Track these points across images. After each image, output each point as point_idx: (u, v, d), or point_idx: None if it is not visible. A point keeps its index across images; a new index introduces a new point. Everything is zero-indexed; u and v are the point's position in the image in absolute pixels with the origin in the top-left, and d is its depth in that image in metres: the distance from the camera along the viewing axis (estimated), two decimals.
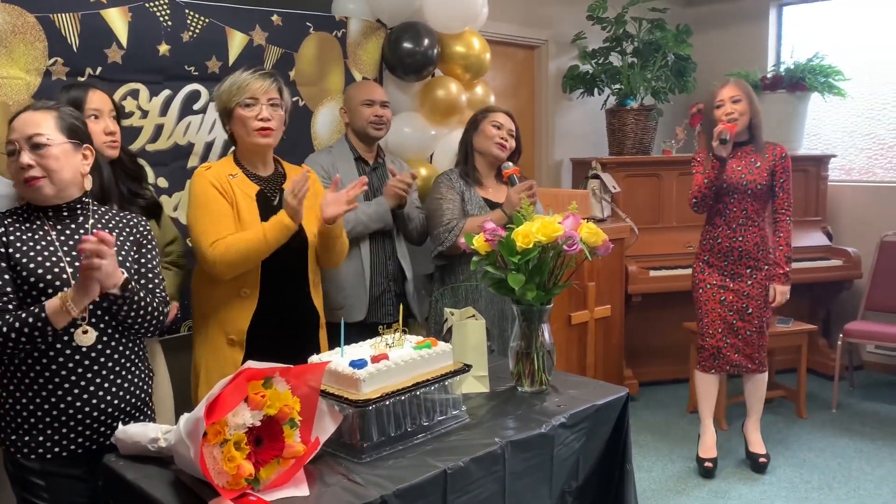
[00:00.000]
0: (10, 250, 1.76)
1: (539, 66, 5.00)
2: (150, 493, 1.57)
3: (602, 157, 4.72)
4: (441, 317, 2.98)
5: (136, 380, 1.91)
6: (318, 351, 2.48)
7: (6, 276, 1.75)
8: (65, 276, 1.78)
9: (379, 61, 3.37)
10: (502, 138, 2.97)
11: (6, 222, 1.80)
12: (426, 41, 3.27)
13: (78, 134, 1.84)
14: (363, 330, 2.43)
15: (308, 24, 3.11)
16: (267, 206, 2.34)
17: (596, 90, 4.97)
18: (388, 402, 1.72)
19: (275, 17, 3.00)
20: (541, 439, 1.86)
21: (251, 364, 1.56)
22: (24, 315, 1.70)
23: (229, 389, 1.49)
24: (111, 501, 1.72)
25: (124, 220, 1.96)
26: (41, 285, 1.76)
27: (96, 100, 2.17)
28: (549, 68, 4.98)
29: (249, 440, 1.51)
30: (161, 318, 1.92)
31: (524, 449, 1.81)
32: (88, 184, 1.87)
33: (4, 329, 1.69)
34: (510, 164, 2.94)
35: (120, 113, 2.30)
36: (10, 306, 1.74)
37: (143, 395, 1.94)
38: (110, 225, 1.92)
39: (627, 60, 4.87)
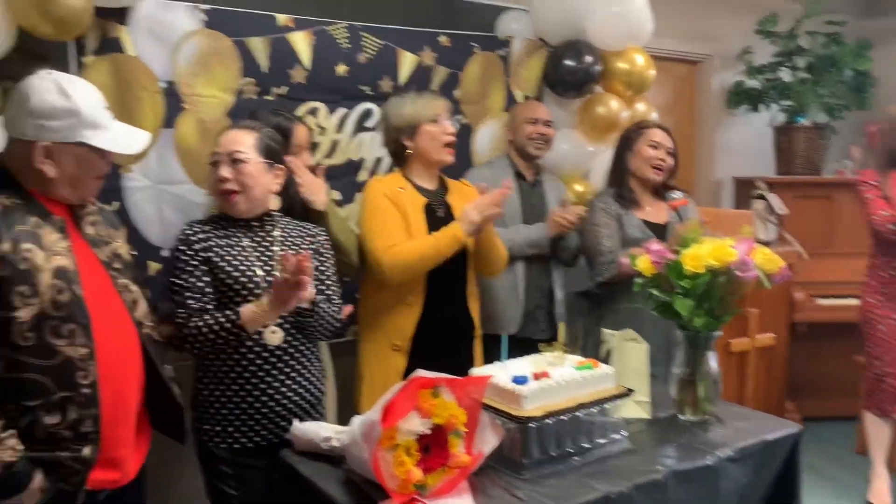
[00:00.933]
0: (210, 255, 1.94)
1: (701, 81, 4.84)
2: (324, 489, 1.67)
3: (768, 177, 4.50)
4: (597, 338, 2.95)
5: (313, 378, 2.06)
6: (472, 361, 2.55)
7: (206, 279, 1.93)
8: (256, 279, 1.95)
9: (540, 79, 3.39)
10: (660, 159, 2.86)
11: (206, 229, 1.98)
12: (588, 58, 3.26)
13: (273, 155, 2.01)
14: (514, 344, 2.45)
15: (473, 44, 3.19)
16: (433, 217, 2.45)
17: (762, 106, 4.74)
18: (549, 421, 1.74)
19: (443, 38, 3.10)
20: (706, 471, 1.81)
21: (421, 372, 1.63)
22: (221, 319, 1.87)
23: (402, 396, 1.57)
24: (285, 494, 1.85)
25: (305, 230, 2.11)
26: (236, 287, 1.93)
27: (301, 136, 2.36)
28: (711, 83, 4.81)
29: (418, 447, 1.57)
30: (337, 323, 2.06)
31: (688, 480, 1.77)
32: (275, 203, 2.03)
33: (205, 329, 1.87)
34: (679, 194, 2.80)
35: (315, 144, 2.54)
36: (210, 306, 1.92)
37: (317, 393, 2.08)
38: (293, 234, 2.08)
39: (799, 76, 4.61)
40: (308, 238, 2.10)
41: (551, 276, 2.99)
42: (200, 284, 1.93)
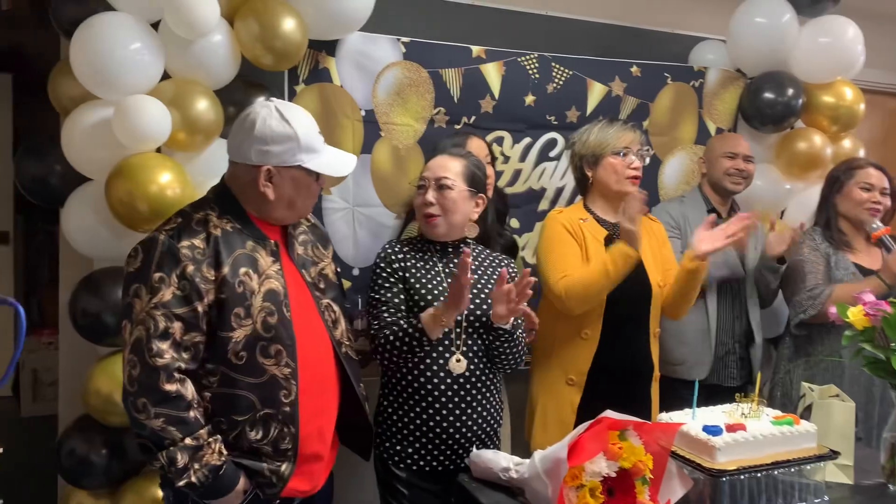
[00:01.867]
0: (406, 275, 2.01)
1: None
2: None
3: None
4: (788, 388, 2.75)
5: (492, 409, 2.06)
6: (649, 403, 2.44)
7: (402, 296, 2.01)
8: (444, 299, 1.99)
9: (735, 111, 3.24)
10: (875, 202, 2.64)
11: (404, 250, 2.06)
12: (790, 91, 3.07)
13: (476, 183, 2.06)
14: (701, 390, 2.33)
15: (666, 74, 3.12)
16: None
17: None
18: (743, 477, 1.62)
19: (634, 69, 3.05)
20: None
21: (609, 413, 1.58)
22: (405, 325, 1.93)
23: (590, 435, 1.53)
24: None
25: (494, 258, 2.14)
26: (424, 306, 1.98)
27: (474, 146, 2.38)
28: None
29: (603, 490, 1.53)
30: (524, 353, 2.08)
31: None
32: (473, 231, 2.07)
33: (391, 337, 1.94)
34: (879, 224, 2.58)
35: (494, 158, 2.52)
36: (402, 322, 1.98)
37: (495, 424, 2.08)
38: (485, 264, 2.11)
39: None
40: (496, 265, 2.14)
41: (747, 316, 2.80)
42: (396, 301, 2.00)
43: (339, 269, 2.02)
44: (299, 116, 1.72)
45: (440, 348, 1.97)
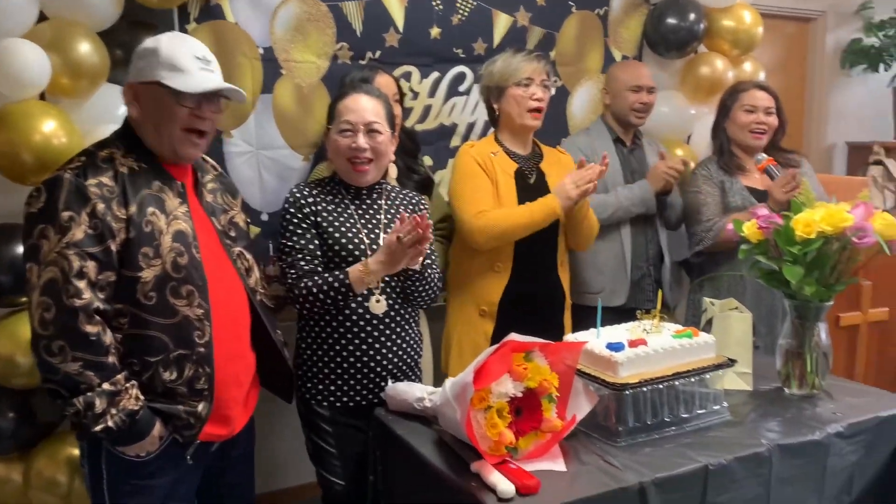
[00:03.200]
0: (318, 219, 1.98)
1: (814, 39, 4.55)
2: (417, 449, 1.68)
3: (886, 142, 4.20)
4: (698, 307, 2.85)
5: (412, 342, 2.09)
6: (562, 330, 2.51)
7: (316, 241, 1.97)
8: (363, 246, 1.99)
9: (640, 38, 3.26)
10: (759, 123, 2.73)
11: (314, 193, 2.01)
12: (692, 16, 3.11)
13: (392, 123, 2.03)
14: (621, 315, 2.40)
15: (571, 3, 3.10)
16: (523, 184, 2.41)
17: (882, 66, 4.41)
18: (645, 389, 1.69)
19: None
20: (813, 447, 1.72)
21: (514, 336, 1.61)
22: (330, 279, 1.91)
23: (495, 358, 1.55)
24: (379, 452, 1.88)
25: (408, 198, 2.14)
26: (343, 254, 1.97)
27: (383, 83, 2.32)
28: (825, 42, 4.50)
29: (510, 410, 1.56)
30: (438, 290, 2.09)
31: (794, 455, 1.68)
32: (394, 171, 2.04)
33: (315, 289, 1.91)
34: (763, 155, 2.67)
35: (402, 94, 2.47)
36: (320, 269, 1.96)
37: (416, 357, 2.12)
38: (397, 202, 2.10)
39: None
40: (410, 206, 2.12)
41: (658, 242, 2.88)
42: (311, 247, 1.97)
43: (248, 220, 1.97)
44: (176, 38, 1.66)
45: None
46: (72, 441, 2.27)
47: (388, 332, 2.02)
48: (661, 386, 1.71)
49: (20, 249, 2.02)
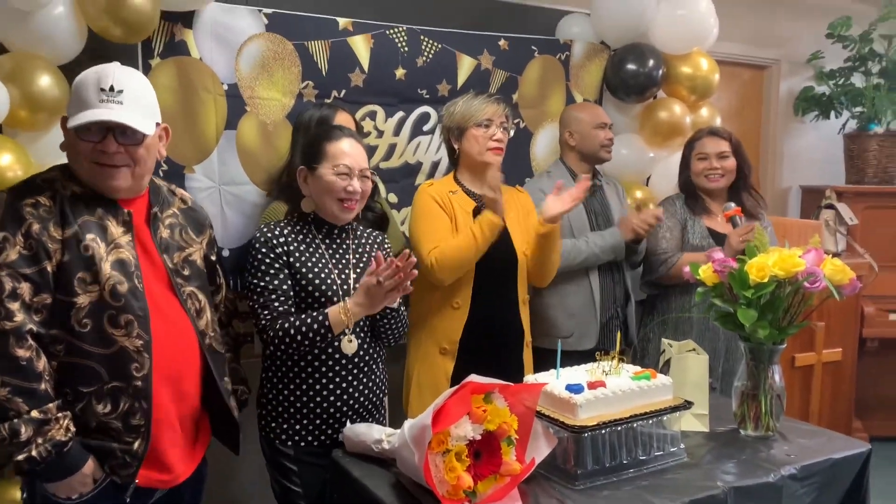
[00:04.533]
0: (291, 259, 1.97)
1: (768, 86, 4.69)
2: (374, 492, 1.66)
3: (838, 186, 4.33)
4: (650, 346, 2.89)
5: (379, 382, 2.11)
6: (521, 369, 2.51)
7: (289, 282, 1.96)
8: (335, 287, 1.99)
9: (600, 83, 3.34)
10: (711, 168, 2.84)
11: (285, 232, 2.01)
12: (651, 62, 3.20)
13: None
14: (591, 357, 2.42)
15: (533, 47, 3.16)
16: None
17: (833, 113, 4.57)
18: (604, 431, 1.70)
19: (502, 42, 3.08)
20: (767, 489, 1.73)
21: (474, 377, 1.61)
22: (308, 321, 1.90)
23: (454, 400, 1.55)
24: (336, 494, 1.85)
25: (373, 237, 2.18)
26: (316, 294, 1.97)
27: (343, 121, 2.36)
28: (779, 89, 4.66)
29: (469, 453, 1.55)
30: (406, 328, 2.14)
31: (749, 497, 1.70)
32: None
33: (292, 331, 1.90)
34: (732, 204, 2.77)
35: (361, 133, 2.49)
36: (293, 310, 1.96)
37: (382, 396, 2.13)
38: (363, 240, 2.13)
39: (873, 82, 4.43)
40: (376, 245, 2.16)
41: (625, 283, 2.92)
42: (284, 287, 1.96)
43: (215, 258, 1.94)
44: (96, 69, 1.64)
45: None
46: (14, 483, 2.19)
47: (356, 371, 2.02)
48: (619, 428, 1.72)
49: None
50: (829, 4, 4.58)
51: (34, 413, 1.48)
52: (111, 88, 1.60)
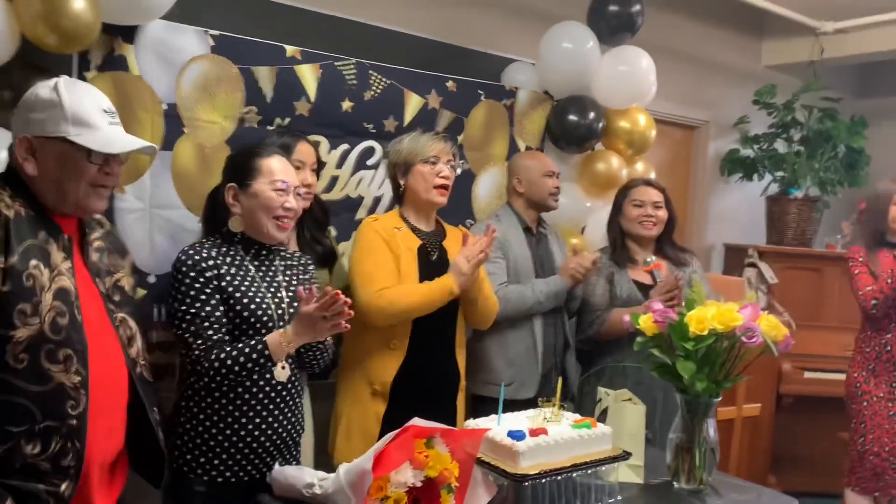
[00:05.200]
0: (222, 283, 1.87)
1: (697, 146, 4.89)
2: None
3: (759, 245, 4.51)
4: (586, 398, 2.89)
5: (300, 414, 2.02)
6: (454, 414, 2.47)
7: (222, 308, 1.87)
8: (269, 311, 1.91)
9: (543, 131, 3.39)
10: (647, 216, 2.88)
11: (212, 254, 1.91)
12: (592, 115, 3.27)
13: None
14: (529, 406, 2.39)
15: (480, 91, 3.19)
16: (426, 261, 2.40)
17: (756, 176, 4.78)
18: (544, 480, 1.66)
19: (450, 83, 3.09)
20: None
21: (417, 421, 1.55)
22: (247, 350, 1.82)
23: (396, 444, 1.49)
24: None
25: (297, 259, 2.12)
26: (252, 320, 1.89)
27: (304, 151, 2.32)
28: (707, 149, 4.86)
29: (408, 500, 1.49)
30: (331, 356, 2.09)
31: None
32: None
33: (229, 361, 1.80)
34: (652, 258, 2.82)
35: (321, 165, 2.47)
36: (227, 338, 1.86)
37: (300, 432, 2.04)
38: (290, 262, 2.07)
39: (794, 148, 4.67)
40: (301, 267, 2.10)
41: (565, 331, 2.92)
42: (217, 314, 1.86)
43: (135, 284, 1.84)
44: (78, 89, 1.56)
45: None
46: None
47: (284, 400, 1.94)
48: (559, 477, 1.69)
49: None
50: (758, 73, 4.84)
51: None
52: (111, 111, 1.57)
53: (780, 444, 4.19)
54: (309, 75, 2.71)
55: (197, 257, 1.89)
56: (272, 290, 1.96)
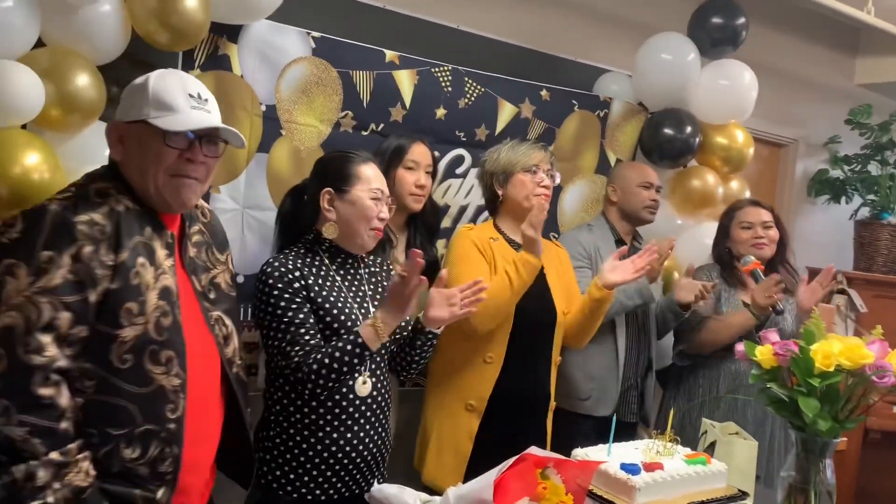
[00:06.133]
0: (311, 294, 1.84)
1: (784, 165, 4.70)
2: None
3: (847, 272, 4.31)
4: (675, 422, 2.77)
5: (387, 430, 1.99)
6: (545, 433, 2.38)
7: (313, 316, 1.84)
8: (353, 315, 1.87)
9: (635, 144, 3.29)
10: (757, 237, 2.77)
11: (297, 264, 1.88)
12: (689, 129, 3.16)
13: None
14: (602, 425, 2.30)
15: (573, 101, 3.11)
16: None
17: (844, 198, 4.58)
18: None
19: (544, 92, 3.01)
20: None
21: (534, 450, 1.48)
22: (340, 345, 1.78)
23: (515, 474, 1.41)
24: None
25: (381, 266, 2.09)
26: (335, 326, 1.85)
27: (417, 153, 2.37)
28: (795, 169, 4.67)
29: None
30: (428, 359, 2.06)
31: None
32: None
33: (326, 360, 1.76)
34: (750, 258, 2.69)
35: (435, 172, 2.49)
36: (333, 343, 1.82)
37: (388, 449, 2.00)
38: (373, 269, 2.05)
39: (888, 171, 4.45)
40: (384, 274, 2.08)
41: (650, 352, 2.81)
42: (311, 321, 1.83)
43: (236, 279, 1.80)
44: (168, 75, 1.52)
45: None
46: None
47: (368, 415, 1.89)
48: None
49: None
50: (850, 91, 4.63)
51: (53, 455, 1.31)
52: (199, 95, 1.50)
53: (865, 480, 3.99)
54: (406, 81, 2.67)
55: (283, 269, 1.86)
56: (358, 299, 1.93)
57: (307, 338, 1.80)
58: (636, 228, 2.87)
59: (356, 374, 1.84)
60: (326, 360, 1.76)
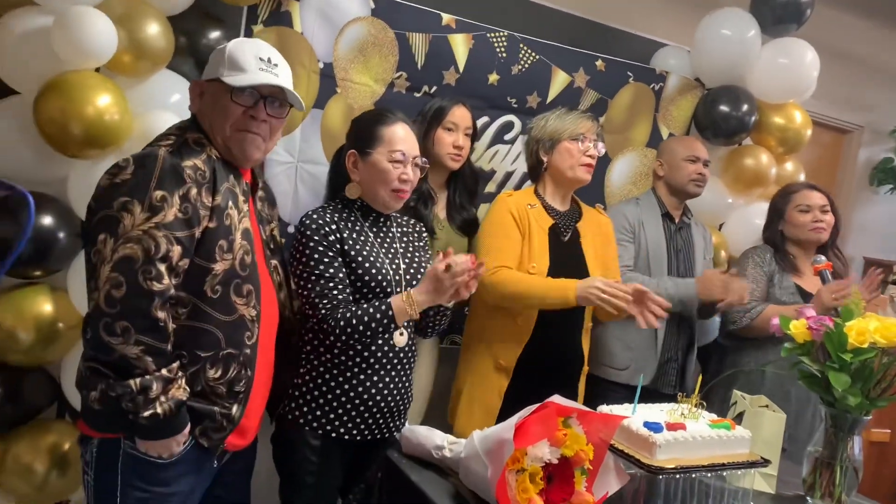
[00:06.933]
0: (345, 247, 1.92)
1: (847, 151, 4.58)
2: (432, 499, 1.58)
3: None
4: (714, 397, 2.78)
5: (412, 379, 2.08)
6: (576, 397, 2.43)
7: (344, 270, 1.91)
8: (389, 276, 1.95)
9: (689, 120, 3.26)
10: (816, 221, 2.73)
11: (334, 218, 1.95)
12: (745, 107, 3.11)
13: None
14: (642, 396, 2.32)
15: (629, 73, 3.10)
16: (557, 241, 2.36)
17: None
18: (678, 476, 1.61)
19: (599, 63, 3.01)
20: None
21: (557, 399, 1.53)
22: (371, 310, 1.85)
23: (537, 418, 1.47)
24: (386, 495, 1.78)
25: (413, 227, 2.15)
26: (372, 284, 1.92)
27: (458, 115, 2.43)
28: (858, 156, 4.54)
29: (543, 476, 1.47)
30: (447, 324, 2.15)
31: None
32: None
33: (354, 320, 1.85)
34: (822, 258, 2.65)
35: (475, 136, 2.53)
36: (351, 298, 1.91)
37: (410, 398, 2.09)
38: (406, 229, 2.11)
39: None
40: (416, 234, 2.14)
41: (692, 330, 2.81)
42: (341, 275, 1.90)
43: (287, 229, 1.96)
44: (245, 40, 1.69)
45: None
46: (57, 430, 2.15)
47: (397, 364, 1.98)
48: (694, 475, 1.63)
49: (47, 221, 1.95)
50: None
51: (163, 371, 1.47)
52: (269, 60, 1.64)
53: None
54: (461, 45, 2.71)
55: (321, 221, 1.93)
56: (390, 256, 1.99)
57: (335, 292, 1.88)
58: (685, 203, 2.86)
59: (384, 334, 1.90)
60: (354, 321, 1.84)
